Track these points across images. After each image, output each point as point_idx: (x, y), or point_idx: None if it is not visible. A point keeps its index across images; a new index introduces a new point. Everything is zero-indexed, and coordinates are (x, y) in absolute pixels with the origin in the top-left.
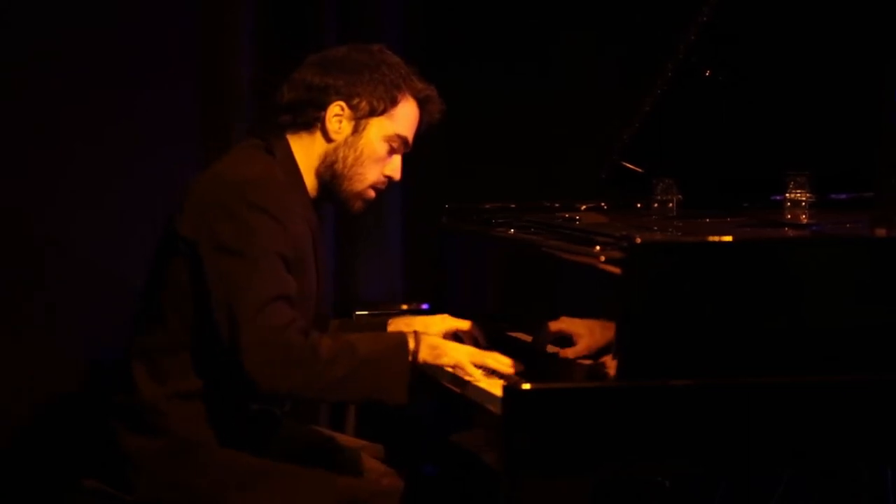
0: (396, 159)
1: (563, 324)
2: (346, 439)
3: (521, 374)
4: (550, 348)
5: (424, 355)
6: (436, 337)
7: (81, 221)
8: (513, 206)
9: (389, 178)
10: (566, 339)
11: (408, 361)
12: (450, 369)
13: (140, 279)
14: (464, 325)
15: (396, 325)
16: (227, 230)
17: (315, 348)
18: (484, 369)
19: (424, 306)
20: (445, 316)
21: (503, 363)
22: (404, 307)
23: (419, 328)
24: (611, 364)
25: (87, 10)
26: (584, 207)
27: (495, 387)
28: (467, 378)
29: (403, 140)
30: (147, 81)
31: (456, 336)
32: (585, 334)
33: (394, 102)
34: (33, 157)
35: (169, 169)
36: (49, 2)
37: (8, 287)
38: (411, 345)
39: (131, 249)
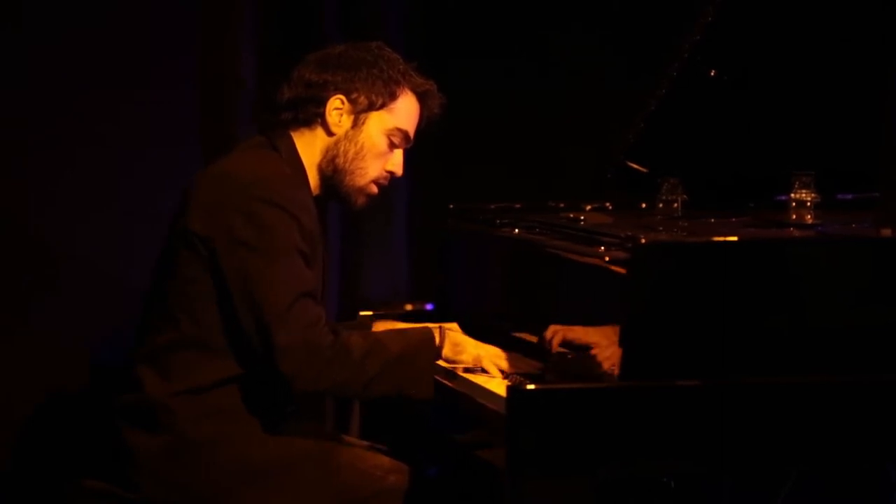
0: (398, 154)
1: (577, 333)
2: (350, 438)
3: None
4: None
5: (447, 351)
6: (459, 334)
7: (81, 221)
8: (517, 206)
9: (392, 174)
10: (585, 349)
11: (434, 357)
12: (464, 368)
13: (140, 278)
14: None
15: (378, 328)
16: (244, 228)
17: (347, 347)
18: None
19: (429, 306)
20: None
21: (522, 363)
22: (409, 307)
23: None
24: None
25: (87, 10)
26: (588, 208)
27: (494, 385)
28: (485, 375)
29: (404, 134)
30: (147, 81)
31: None
32: (604, 344)
33: (392, 97)
34: (33, 158)
35: (169, 169)
36: (49, 2)
37: (8, 287)
38: (437, 340)
39: (131, 249)
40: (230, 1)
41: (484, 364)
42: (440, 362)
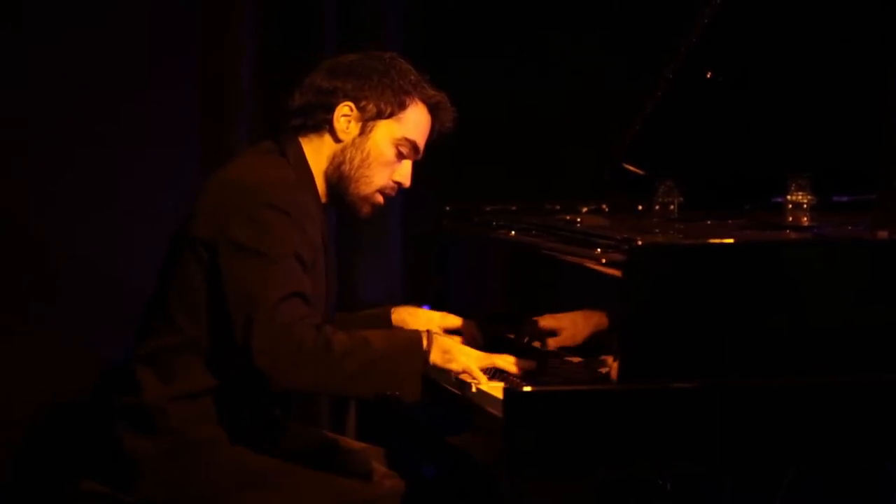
0: (406, 165)
1: (546, 320)
2: (347, 441)
3: (529, 374)
4: (536, 344)
5: (435, 357)
6: (448, 339)
7: (81, 221)
8: (513, 208)
9: (399, 184)
10: (552, 334)
11: (421, 359)
12: (456, 375)
13: (140, 278)
14: (462, 323)
15: (399, 314)
16: (245, 231)
17: (328, 343)
18: (492, 371)
19: (425, 308)
20: (446, 314)
21: (511, 363)
22: None
23: (422, 321)
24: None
25: (87, 10)
26: (584, 210)
27: (498, 390)
28: (473, 382)
29: (412, 145)
30: (147, 81)
31: (456, 334)
32: (568, 326)
33: (402, 106)
34: (33, 158)
35: (169, 169)
36: (49, 2)
37: (8, 287)
38: (424, 344)
39: (131, 249)
40: (230, 1)
41: (474, 373)
42: (457, 371)
